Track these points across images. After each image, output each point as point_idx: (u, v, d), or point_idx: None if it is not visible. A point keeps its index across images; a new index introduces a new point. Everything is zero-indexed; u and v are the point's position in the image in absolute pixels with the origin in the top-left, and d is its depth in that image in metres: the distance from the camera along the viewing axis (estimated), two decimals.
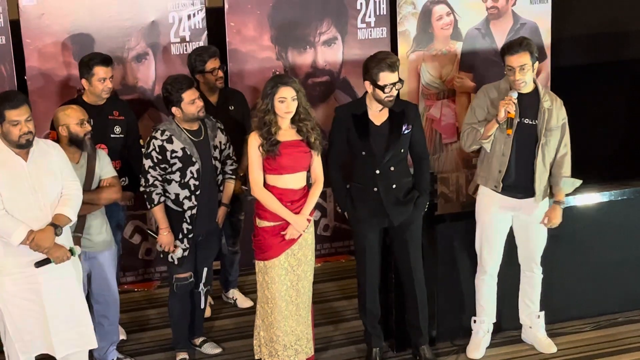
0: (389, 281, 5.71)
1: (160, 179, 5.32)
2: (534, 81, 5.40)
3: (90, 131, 5.22)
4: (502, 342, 5.88)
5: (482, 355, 5.72)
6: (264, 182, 5.19)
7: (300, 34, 6.82)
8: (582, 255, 6.03)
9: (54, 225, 4.71)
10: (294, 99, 5.08)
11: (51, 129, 5.54)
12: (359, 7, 6.90)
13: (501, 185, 5.41)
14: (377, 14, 6.95)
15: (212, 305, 6.45)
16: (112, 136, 5.75)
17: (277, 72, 6.66)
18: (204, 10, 6.60)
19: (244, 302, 6.50)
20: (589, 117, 6.99)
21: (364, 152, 5.31)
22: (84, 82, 5.72)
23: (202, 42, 6.58)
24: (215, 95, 6.05)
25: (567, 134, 5.46)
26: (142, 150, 5.67)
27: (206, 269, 5.62)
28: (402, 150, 5.33)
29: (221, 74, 6.05)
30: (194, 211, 5.37)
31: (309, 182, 5.31)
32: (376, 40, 6.96)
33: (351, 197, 5.41)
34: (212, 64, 5.95)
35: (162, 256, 5.51)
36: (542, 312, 5.77)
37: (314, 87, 6.89)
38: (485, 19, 7.14)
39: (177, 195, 5.35)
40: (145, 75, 6.57)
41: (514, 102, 5.25)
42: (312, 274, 5.37)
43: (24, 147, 4.69)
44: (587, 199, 5.97)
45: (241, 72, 6.71)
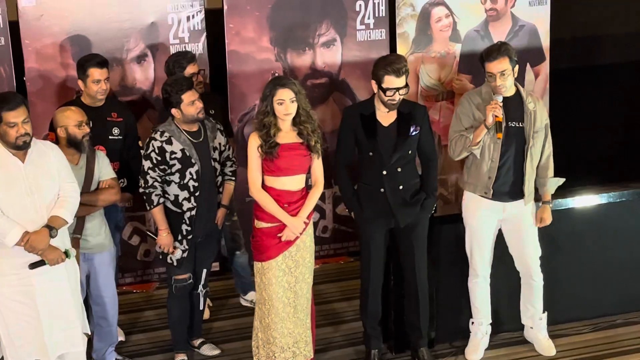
0: (389, 282, 5.71)
1: (159, 180, 5.32)
2: (515, 84, 5.42)
3: (88, 133, 5.22)
4: (500, 343, 5.88)
5: (481, 356, 5.72)
6: (262, 183, 5.19)
7: (299, 36, 6.82)
8: (580, 257, 6.03)
9: (49, 227, 4.70)
10: (292, 101, 5.08)
11: (50, 130, 5.54)
12: (358, 8, 6.90)
13: (492, 191, 5.42)
14: (376, 15, 6.95)
15: (211, 306, 6.45)
16: (111, 138, 5.76)
17: (276, 74, 6.66)
18: (203, 11, 6.60)
19: None
20: (587, 119, 7.02)
21: (372, 153, 5.31)
22: (81, 83, 5.74)
23: (201, 43, 6.59)
24: None
25: (549, 134, 5.49)
26: (141, 151, 5.68)
27: (205, 271, 5.61)
28: (409, 151, 5.33)
29: (201, 78, 6.04)
30: (193, 212, 5.37)
31: (309, 183, 5.31)
32: (375, 42, 6.97)
33: (358, 197, 5.41)
34: (191, 69, 5.91)
35: (161, 257, 5.51)
36: (545, 314, 5.78)
37: (313, 88, 6.89)
38: (484, 20, 7.14)
39: (176, 196, 5.35)
40: (144, 76, 6.57)
41: (500, 106, 5.26)
42: (311, 276, 5.36)
43: (21, 148, 4.69)
44: (585, 201, 5.98)
45: (240, 73, 6.71)
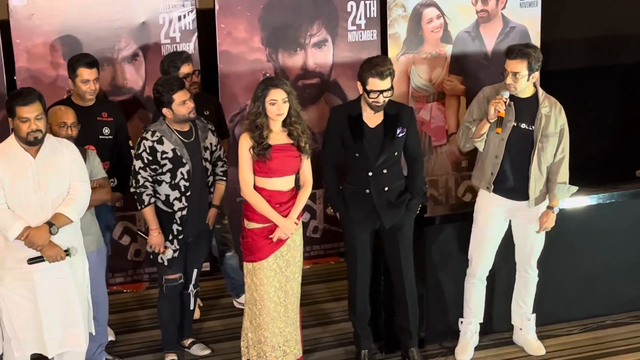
0: (379, 283, 5.72)
1: (150, 179, 5.31)
2: (535, 85, 5.40)
3: (73, 136, 5.20)
4: (491, 344, 5.90)
5: (471, 357, 5.73)
6: (253, 183, 5.20)
7: (290, 36, 6.83)
8: (570, 258, 6.05)
9: (49, 223, 4.72)
10: (285, 101, 5.09)
11: None
12: (349, 9, 6.91)
13: (492, 187, 5.42)
14: (368, 16, 6.96)
15: (202, 306, 6.45)
16: (101, 137, 5.75)
17: (268, 74, 6.66)
18: (195, 11, 6.60)
19: None
20: (577, 122, 7.00)
21: (358, 154, 5.31)
22: (70, 83, 5.73)
23: (193, 43, 6.58)
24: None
25: (566, 139, 5.44)
26: (132, 151, 5.68)
27: (196, 270, 5.62)
28: (395, 153, 5.34)
29: (195, 79, 6.03)
30: (184, 212, 5.37)
31: (298, 183, 5.31)
32: (366, 42, 6.98)
33: (344, 198, 5.42)
34: (186, 69, 5.90)
35: (152, 257, 5.50)
36: (533, 315, 5.79)
37: (304, 89, 6.89)
38: (475, 22, 7.16)
39: (167, 196, 5.35)
40: (135, 76, 6.56)
41: (505, 101, 5.25)
42: (300, 275, 5.38)
43: (31, 144, 4.72)
44: (576, 202, 5.99)
45: (231, 73, 6.71)
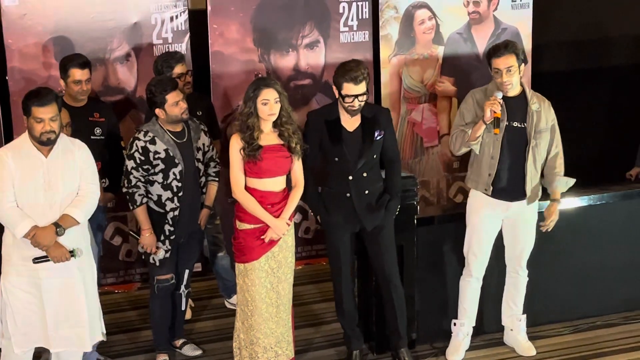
0: (369, 284, 5.73)
1: (142, 180, 5.31)
2: (521, 84, 5.43)
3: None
4: (482, 344, 5.91)
5: (462, 358, 5.74)
6: (245, 184, 5.20)
7: (282, 37, 6.84)
8: (561, 259, 6.07)
9: (56, 224, 4.74)
10: (276, 101, 5.09)
11: None
12: (341, 10, 6.92)
13: (491, 188, 5.43)
14: (360, 17, 6.97)
15: (193, 307, 6.45)
16: (93, 138, 5.73)
17: (260, 75, 6.67)
18: (187, 12, 6.60)
19: None
20: (568, 123, 7.03)
21: (337, 159, 5.32)
22: (62, 83, 5.73)
23: (185, 44, 6.59)
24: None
25: (558, 134, 5.49)
26: (124, 151, 5.68)
27: (187, 271, 5.62)
28: (374, 156, 5.35)
29: (189, 79, 6.04)
30: (176, 213, 5.37)
31: (289, 184, 5.32)
32: (358, 43, 6.99)
33: (323, 201, 5.43)
34: (179, 69, 5.91)
35: (143, 257, 5.51)
36: (524, 316, 5.81)
37: (296, 90, 6.90)
38: (466, 23, 7.19)
39: (159, 196, 5.35)
40: (127, 76, 6.56)
41: (499, 102, 5.27)
42: (292, 276, 5.38)
43: (45, 144, 4.74)
44: (566, 203, 6.00)
45: (224, 74, 6.71)
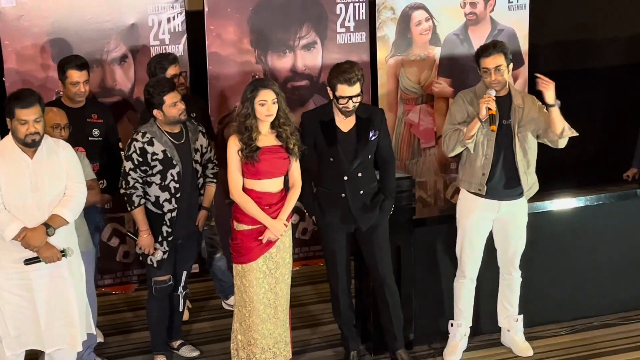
0: (366, 284, 5.73)
1: (140, 181, 5.31)
2: (508, 84, 5.45)
3: (65, 138, 5.19)
4: (479, 345, 5.91)
5: (459, 358, 5.75)
6: (242, 185, 5.20)
7: (279, 38, 6.84)
8: (558, 259, 6.08)
9: (46, 225, 4.73)
10: (274, 102, 5.09)
11: None
12: (338, 11, 6.93)
13: (485, 188, 5.44)
14: (357, 18, 6.97)
15: (190, 308, 6.45)
16: (91, 139, 5.75)
17: (257, 76, 6.67)
18: (184, 13, 6.60)
19: None
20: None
21: (332, 159, 5.32)
22: (60, 84, 5.73)
23: (182, 45, 6.59)
24: None
25: (544, 110, 5.41)
26: (121, 152, 5.68)
27: (185, 272, 5.62)
28: (369, 156, 5.35)
29: (182, 80, 6.04)
30: (174, 214, 5.37)
31: (287, 185, 5.32)
32: (355, 44, 6.99)
33: (319, 202, 5.43)
34: (173, 70, 5.92)
35: (141, 259, 5.51)
36: (521, 316, 5.81)
37: (293, 91, 6.91)
38: (463, 24, 7.20)
39: (157, 197, 5.35)
40: (124, 78, 6.56)
41: (494, 99, 5.29)
42: (289, 276, 5.38)
43: (29, 146, 4.73)
44: (562, 204, 6.02)
45: (221, 75, 6.72)
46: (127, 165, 5.30)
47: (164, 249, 5.41)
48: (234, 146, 5.14)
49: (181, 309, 5.74)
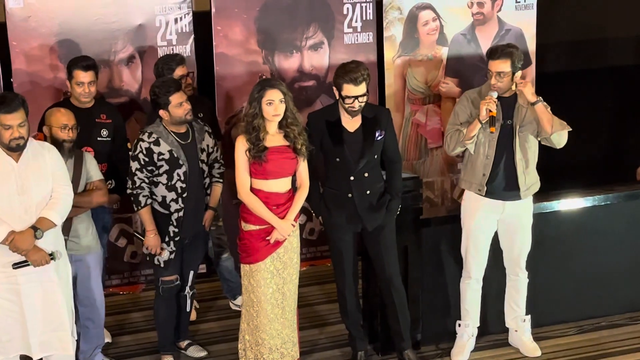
0: (374, 285, 5.73)
1: (147, 181, 5.32)
2: (516, 85, 5.43)
3: (72, 139, 5.21)
4: (487, 345, 5.91)
5: (467, 359, 5.74)
6: (250, 185, 5.20)
7: (286, 39, 6.84)
8: (566, 259, 6.07)
9: (34, 227, 4.70)
10: (281, 102, 5.09)
11: (39, 130, 5.54)
12: (345, 12, 6.93)
13: (485, 188, 5.44)
14: (364, 19, 6.97)
15: (198, 308, 6.45)
16: (99, 139, 5.76)
17: (264, 77, 6.67)
18: (191, 14, 6.61)
19: None
20: (572, 123, 7.04)
21: (338, 159, 5.32)
22: (68, 84, 5.74)
23: (189, 45, 6.60)
24: None
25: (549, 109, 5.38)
26: (130, 153, 5.68)
27: (192, 272, 5.62)
28: (375, 156, 5.35)
29: (190, 80, 6.05)
30: (181, 214, 5.38)
31: (294, 185, 5.32)
32: (362, 45, 6.99)
33: (325, 202, 5.43)
34: (180, 71, 5.92)
35: (148, 259, 5.51)
36: (528, 316, 5.80)
37: (300, 91, 6.91)
38: (470, 24, 7.19)
39: (163, 197, 5.35)
40: (131, 78, 6.57)
41: (495, 101, 5.27)
42: (297, 277, 5.38)
43: (14, 150, 4.70)
44: (570, 204, 6.01)
45: (228, 76, 6.72)
46: (134, 165, 5.31)
47: (171, 249, 5.42)
48: (241, 146, 5.14)
49: (188, 309, 5.74)
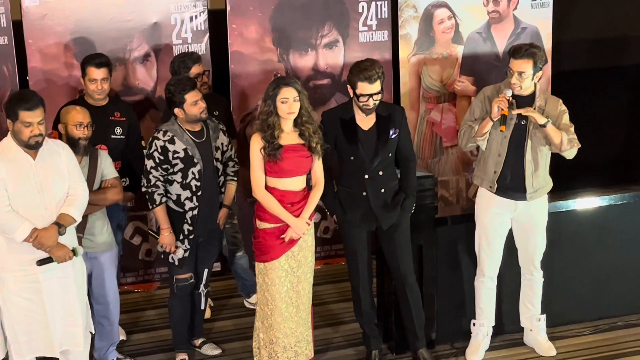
0: (387, 283, 5.72)
1: (162, 179, 5.33)
2: (534, 84, 5.41)
3: (87, 137, 5.22)
4: (501, 345, 5.89)
5: (481, 358, 5.73)
6: (265, 184, 5.20)
7: (301, 37, 6.84)
8: (582, 259, 6.04)
9: (58, 224, 4.73)
10: (295, 100, 5.09)
11: (53, 128, 5.55)
12: (360, 10, 6.92)
13: (496, 185, 5.42)
14: (379, 17, 6.96)
15: (212, 306, 6.46)
16: (113, 137, 5.77)
17: (279, 75, 6.67)
18: (206, 12, 6.62)
19: None
20: (589, 122, 7.02)
21: (353, 157, 5.31)
22: (82, 82, 5.75)
23: (204, 43, 6.60)
24: None
25: (566, 116, 5.38)
26: (144, 151, 5.70)
27: (207, 270, 5.63)
28: (390, 154, 5.34)
29: (205, 79, 6.06)
30: (195, 212, 5.38)
31: (309, 183, 5.32)
32: (377, 43, 6.98)
33: (339, 200, 5.42)
34: (196, 69, 5.93)
35: (162, 257, 5.52)
36: (543, 316, 5.78)
37: (315, 89, 6.90)
38: (486, 22, 7.16)
39: (178, 195, 5.36)
40: (146, 76, 6.58)
41: (507, 99, 5.26)
42: (312, 275, 5.38)
43: (32, 148, 4.73)
44: (586, 203, 5.98)
45: (243, 74, 6.73)
46: (149, 163, 5.32)
47: (185, 247, 5.42)
48: (256, 144, 5.14)
49: (203, 307, 5.74)
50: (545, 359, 5.74)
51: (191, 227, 5.40)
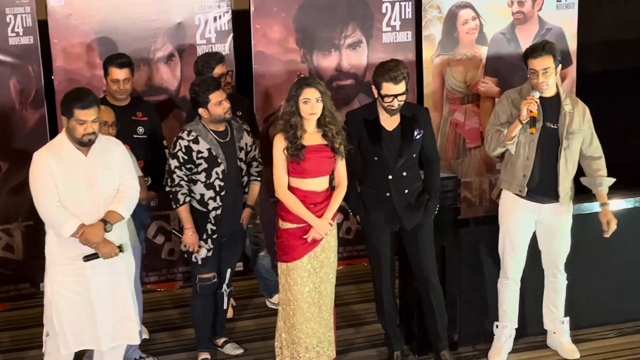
0: (410, 284, 5.71)
1: (185, 179, 5.34)
2: (556, 85, 5.39)
3: (112, 135, 5.24)
4: (524, 347, 5.86)
5: None
6: (288, 184, 5.21)
7: (325, 37, 6.85)
8: (606, 261, 6.01)
9: (104, 221, 4.78)
10: (318, 100, 5.09)
11: None
12: (384, 10, 6.91)
13: (526, 189, 5.40)
14: (403, 17, 6.96)
15: (235, 306, 6.47)
16: (135, 137, 5.79)
17: (302, 75, 6.68)
18: (230, 12, 6.63)
19: None
20: (613, 124, 6.99)
21: (377, 158, 5.30)
22: (104, 81, 5.78)
23: (228, 44, 6.62)
24: None
25: (595, 136, 5.45)
26: (166, 150, 5.71)
27: (229, 270, 5.64)
28: (414, 155, 5.33)
29: (229, 79, 6.06)
30: (219, 212, 5.39)
31: (332, 184, 5.32)
32: (401, 44, 6.97)
33: (363, 201, 5.42)
34: (220, 69, 5.94)
35: (186, 256, 5.54)
36: (567, 318, 5.75)
37: (339, 90, 6.91)
38: (510, 23, 7.14)
39: (202, 195, 5.37)
40: (170, 76, 6.61)
41: (536, 101, 5.24)
42: (334, 276, 5.37)
43: (85, 145, 4.77)
44: (611, 205, 5.93)
45: (266, 74, 6.74)
46: (173, 163, 5.33)
47: (209, 246, 5.44)
48: (279, 144, 5.15)
49: (225, 307, 5.76)
50: None
51: (214, 227, 5.41)
